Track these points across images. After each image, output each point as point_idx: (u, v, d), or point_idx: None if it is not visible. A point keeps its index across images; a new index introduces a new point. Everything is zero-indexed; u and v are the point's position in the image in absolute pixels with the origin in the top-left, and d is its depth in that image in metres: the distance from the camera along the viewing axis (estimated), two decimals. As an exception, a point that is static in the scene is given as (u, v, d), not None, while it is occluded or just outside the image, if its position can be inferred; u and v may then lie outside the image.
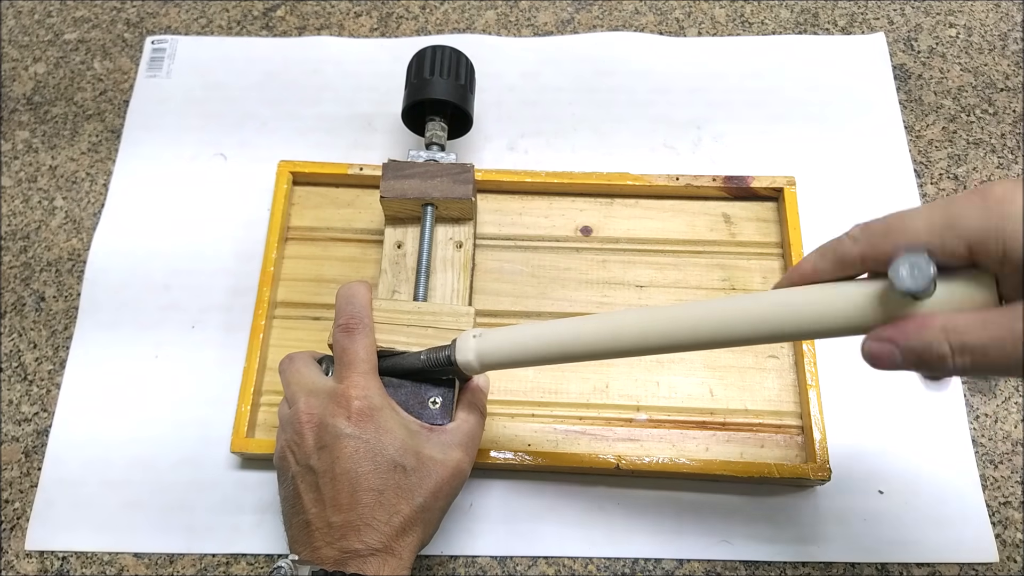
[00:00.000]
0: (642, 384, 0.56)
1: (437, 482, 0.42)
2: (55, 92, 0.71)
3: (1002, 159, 0.65)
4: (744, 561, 0.52)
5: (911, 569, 0.52)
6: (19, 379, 0.59)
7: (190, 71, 0.71)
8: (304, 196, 0.63)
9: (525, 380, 0.57)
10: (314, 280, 0.60)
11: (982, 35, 0.71)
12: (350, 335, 0.45)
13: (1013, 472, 0.55)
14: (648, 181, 0.61)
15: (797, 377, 0.56)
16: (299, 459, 0.43)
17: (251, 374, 0.55)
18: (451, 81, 0.58)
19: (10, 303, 0.62)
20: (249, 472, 0.55)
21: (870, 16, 0.72)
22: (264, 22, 0.73)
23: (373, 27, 0.73)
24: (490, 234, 0.61)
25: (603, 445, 0.55)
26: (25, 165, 0.67)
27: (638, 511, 0.54)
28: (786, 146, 0.65)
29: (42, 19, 0.75)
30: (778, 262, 0.60)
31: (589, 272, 0.60)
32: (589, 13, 0.73)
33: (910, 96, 0.68)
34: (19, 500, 0.55)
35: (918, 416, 0.56)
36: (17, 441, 0.57)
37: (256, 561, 0.53)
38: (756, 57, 0.70)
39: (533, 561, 0.53)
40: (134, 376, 0.58)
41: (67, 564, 0.53)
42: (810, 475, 0.51)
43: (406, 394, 0.46)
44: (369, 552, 0.39)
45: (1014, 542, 0.53)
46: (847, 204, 0.63)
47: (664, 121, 0.67)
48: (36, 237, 0.64)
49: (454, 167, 0.56)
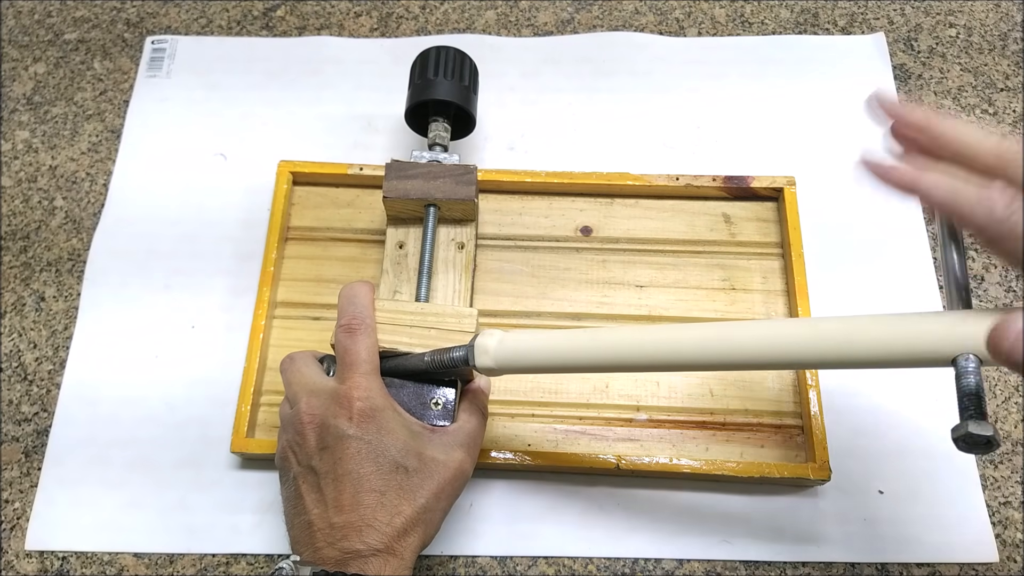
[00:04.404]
0: (642, 384, 0.56)
1: (439, 483, 0.42)
2: (55, 92, 0.71)
3: (1002, 159, 0.65)
4: (744, 561, 0.52)
5: (911, 569, 0.52)
6: (19, 379, 0.59)
7: (190, 71, 0.71)
8: (304, 196, 0.63)
9: (525, 380, 0.57)
10: (314, 280, 0.60)
11: (982, 35, 0.71)
12: (352, 335, 0.45)
13: (1013, 472, 0.55)
14: (648, 181, 0.61)
15: (797, 377, 0.56)
16: (301, 460, 0.43)
17: (251, 374, 0.55)
18: (455, 82, 0.58)
19: (10, 303, 0.62)
20: (249, 472, 0.55)
21: (870, 16, 0.72)
22: (264, 22, 0.73)
23: (373, 27, 0.73)
24: (490, 234, 0.61)
25: (603, 445, 0.55)
26: (25, 165, 0.67)
27: (638, 511, 0.54)
28: (786, 146, 0.66)
29: (42, 19, 0.75)
30: (778, 262, 0.60)
31: (589, 272, 0.60)
32: (589, 13, 0.73)
33: (910, 96, 0.68)
34: (19, 500, 0.55)
35: (918, 416, 0.56)
36: (17, 441, 0.57)
37: (256, 561, 0.53)
38: (756, 57, 0.70)
39: (533, 561, 0.53)
40: (134, 376, 0.58)
41: (67, 564, 0.53)
42: (810, 475, 0.51)
43: (408, 395, 0.46)
44: (371, 553, 0.39)
45: (1014, 542, 0.53)
46: (847, 204, 0.63)
47: (664, 121, 0.67)
48: (36, 237, 0.64)
49: (457, 168, 0.56)
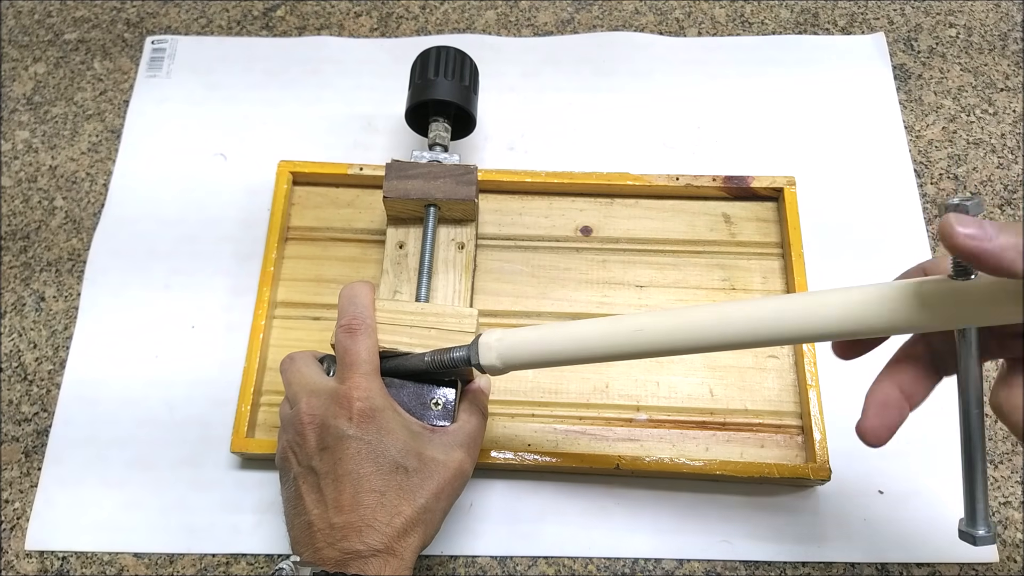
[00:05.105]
0: (642, 384, 0.56)
1: (439, 483, 0.42)
2: (55, 92, 0.71)
3: (1002, 159, 0.65)
4: (744, 561, 0.52)
5: (911, 569, 0.52)
6: (19, 379, 0.59)
7: (190, 71, 0.71)
8: (304, 196, 0.63)
9: (525, 380, 0.57)
10: (314, 280, 0.60)
11: (982, 35, 0.71)
12: (352, 335, 0.45)
13: (1013, 472, 0.55)
14: (648, 181, 0.61)
15: (797, 377, 0.56)
16: (301, 460, 0.43)
17: (251, 374, 0.55)
18: (455, 82, 0.58)
19: (10, 303, 0.62)
20: (249, 472, 0.55)
21: (870, 16, 0.72)
22: (264, 22, 0.73)
23: (373, 27, 0.73)
24: (490, 234, 0.61)
25: (603, 445, 0.55)
26: (25, 165, 0.67)
27: (638, 511, 0.54)
28: (786, 146, 0.66)
29: (42, 19, 0.75)
30: (778, 262, 0.60)
31: (589, 272, 0.60)
32: (589, 13, 0.73)
33: (910, 96, 0.68)
34: (19, 500, 0.55)
35: (918, 416, 0.56)
36: (17, 441, 0.57)
37: (256, 561, 0.53)
38: (756, 57, 0.70)
39: (533, 561, 0.53)
40: (134, 375, 0.58)
41: (67, 564, 0.53)
42: (810, 475, 0.51)
43: (408, 395, 0.46)
44: (371, 553, 0.39)
45: (1014, 542, 0.53)
46: (847, 204, 0.63)
47: (664, 121, 0.67)
48: (36, 237, 0.64)
49: (457, 168, 0.56)
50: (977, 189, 0.64)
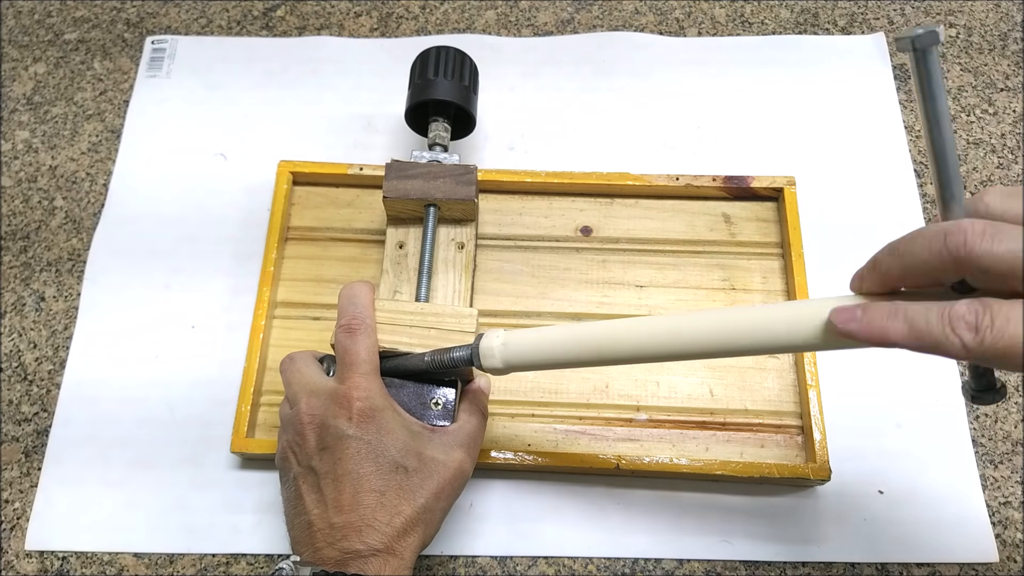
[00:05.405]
0: (642, 384, 0.56)
1: (439, 483, 0.42)
2: (55, 92, 0.71)
3: (1002, 159, 0.65)
4: (744, 561, 0.52)
5: (911, 569, 0.52)
6: (19, 379, 0.59)
7: (190, 71, 0.71)
8: (304, 196, 0.63)
9: (525, 380, 0.57)
10: (314, 280, 0.60)
11: (982, 35, 0.71)
12: (352, 335, 0.45)
13: (1013, 472, 0.55)
14: (648, 181, 0.61)
15: (797, 377, 0.56)
16: (301, 460, 0.43)
17: (251, 374, 0.55)
18: (455, 82, 0.58)
19: (10, 303, 0.62)
20: (249, 472, 0.55)
21: (870, 16, 0.72)
22: (264, 22, 0.73)
23: (373, 27, 0.73)
24: (490, 234, 0.61)
25: (603, 445, 0.55)
26: (25, 165, 0.67)
27: (638, 511, 0.54)
28: (786, 146, 0.66)
29: (42, 19, 0.75)
30: (778, 262, 0.60)
31: (589, 272, 0.60)
32: (589, 13, 0.73)
33: (910, 96, 0.68)
34: (19, 500, 0.55)
35: (918, 416, 0.56)
36: (17, 441, 0.57)
37: (256, 561, 0.53)
38: (756, 57, 0.70)
39: (533, 561, 0.53)
40: (134, 375, 0.58)
41: (67, 564, 0.53)
42: (810, 475, 0.51)
43: (408, 395, 0.46)
44: (370, 553, 0.39)
45: (1014, 542, 0.53)
46: (847, 204, 0.63)
47: (664, 121, 0.67)
48: (36, 237, 0.64)
49: (457, 168, 0.56)
50: (977, 189, 0.64)
